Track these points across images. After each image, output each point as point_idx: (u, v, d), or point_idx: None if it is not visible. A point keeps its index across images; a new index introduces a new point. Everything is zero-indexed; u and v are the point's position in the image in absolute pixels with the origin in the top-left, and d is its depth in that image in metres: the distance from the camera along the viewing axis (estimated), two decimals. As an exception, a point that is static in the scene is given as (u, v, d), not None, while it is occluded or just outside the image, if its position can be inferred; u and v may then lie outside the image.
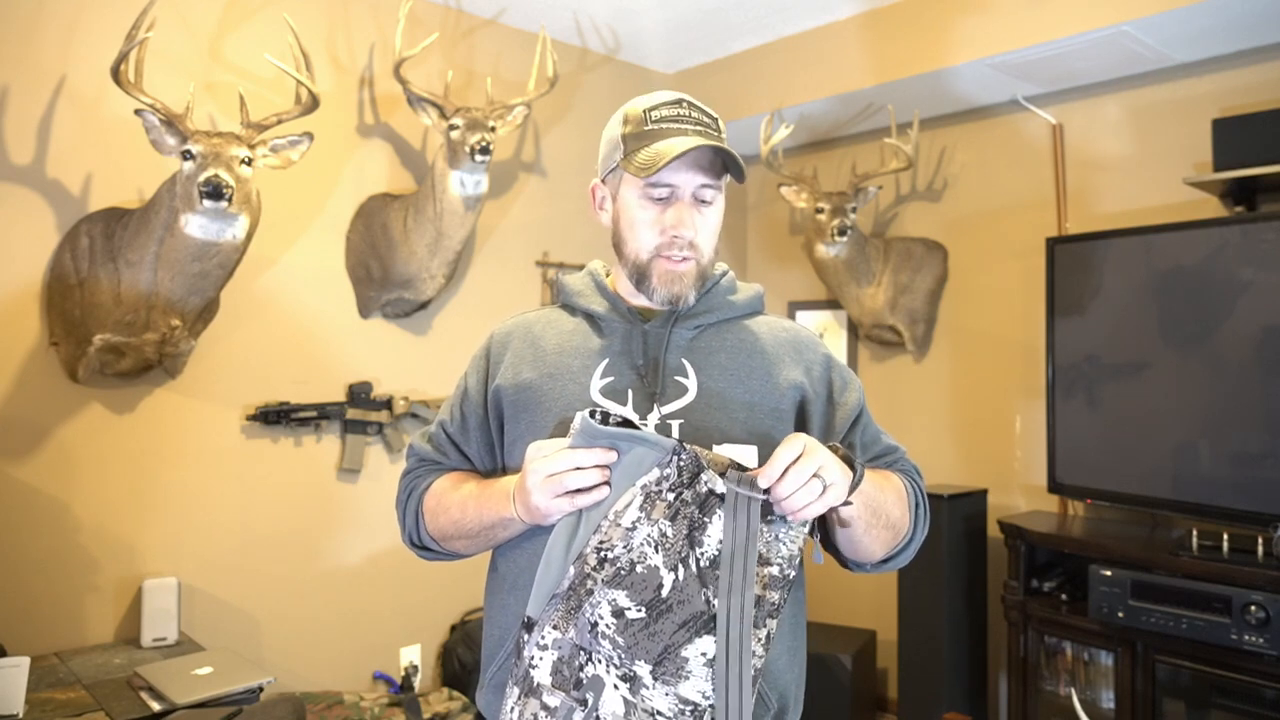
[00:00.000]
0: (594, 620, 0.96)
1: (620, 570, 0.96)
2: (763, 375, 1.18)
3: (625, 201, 1.20)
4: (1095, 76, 2.97)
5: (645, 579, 0.96)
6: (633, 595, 0.95)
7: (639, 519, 0.98)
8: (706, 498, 0.97)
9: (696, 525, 0.96)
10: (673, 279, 1.17)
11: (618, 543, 0.97)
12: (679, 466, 0.98)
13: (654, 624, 0.94)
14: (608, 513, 0.99)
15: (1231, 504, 2.45)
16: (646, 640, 0.94)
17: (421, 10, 2.94)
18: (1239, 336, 2.48)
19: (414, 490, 1.26)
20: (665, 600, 0.95)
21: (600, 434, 1.00)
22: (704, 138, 1.13)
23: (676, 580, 0.95)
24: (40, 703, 1.92)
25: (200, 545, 2.55)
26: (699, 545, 0.96)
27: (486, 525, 1.13)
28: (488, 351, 1.27)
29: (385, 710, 2.56)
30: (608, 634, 0.95)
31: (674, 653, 0.94)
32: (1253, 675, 2.28)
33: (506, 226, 3.26)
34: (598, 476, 1.00)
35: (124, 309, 2.23)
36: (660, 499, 0.98)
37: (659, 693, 0.94)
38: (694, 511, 0.97)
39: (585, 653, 0.97)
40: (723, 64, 3.63)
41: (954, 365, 3.45)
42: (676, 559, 0.96)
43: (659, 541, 0.96)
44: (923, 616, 3.04)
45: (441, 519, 1.20)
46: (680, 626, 0.94)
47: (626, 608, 0.95)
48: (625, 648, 0.94)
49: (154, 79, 2.25)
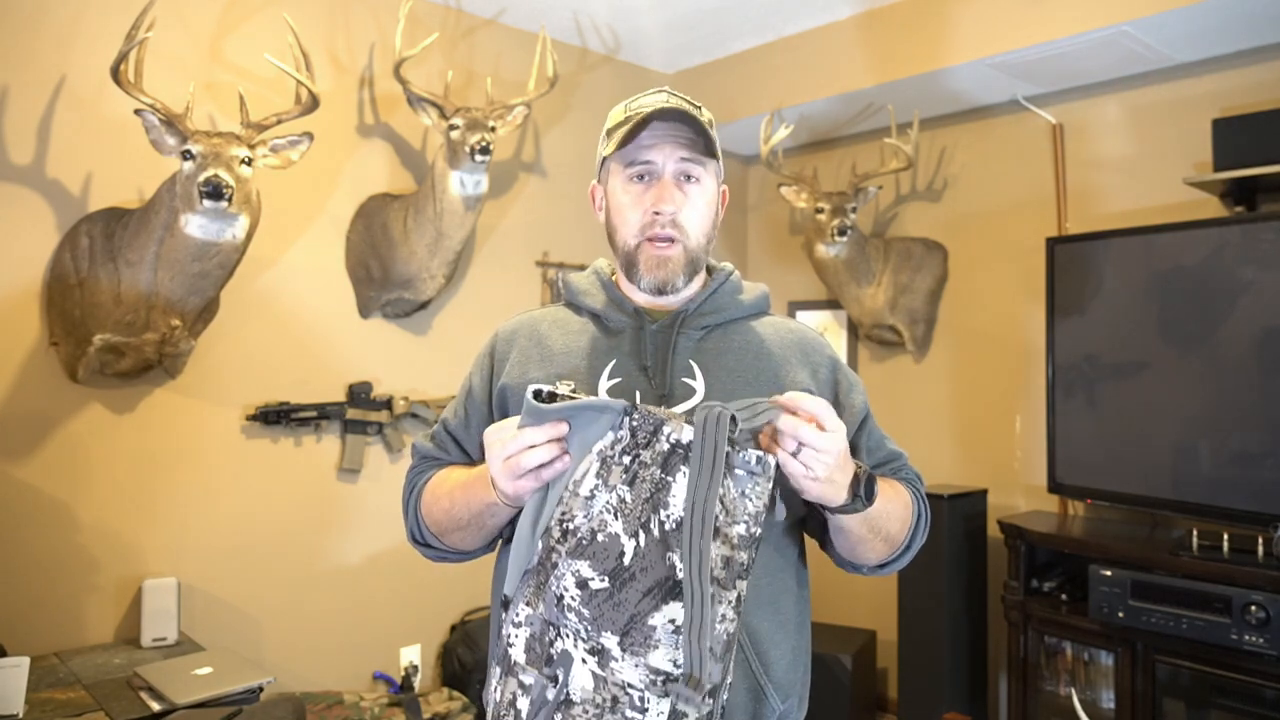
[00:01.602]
0: (559, 593, 0.93)
1: (581, 540, 0.93)
2: (770, 377, 1.17)
3: (611, 189, 1.21)
4: (1095, 76, 2.97)
5: (606, 547, 0.92)
6: (595, 565, 0.92)
7: (596, 486, 0.95)
8: (669, 455, 0.93)
9: (660, 486, 0.93)
10: (658, 264, 1.17)
11: (578, 512, 0.95)
12: (632, 428, 0.95)
13: (618, 593, 0.91)
14: (567, 483, 0.97)
15: (1231, 504, 2.45)
16: (611, 610, 0.91)
17: (421, 10, 2.94)
18: (1239, 336, 2.48)
19: (414, 487, 1.26)
20: (628, 568, 0.91)
21: (544, 412, 0.96)
22: (676, 105, 1.14)
23: (638, 547, 0.92)
24: (40, 703, 1.92)
25: (200, 545, 2.55)
26: (663, 508, 0.92)
27: (475, 513, 1.12)
28: (492, 350, 1.27)
29: (385, 710, 2.56)
30: (573, 606, 0.92)
31: (640, 621, 0.90)
32: (1253, 675, 2.28)
33: (506, 226, 3.26)
34: (554, 450, 0.97)
35: (124, 309, 2.23)
36: (616, 463, 0.95)
37: (628, 664, 0.91)
38: (655, 473, 0.93)
39: (554, 628, 0.94)
40: (723, 64, 3.63)
41: (954, 365, 3.45)
42: (637, 524, 0.92)
43: (618, 508, 0.93)
44: (923, 616, 3.04)
45: (435, 511, 1.19)
46: (645, 594, 0.91)
47: (590, 578, 0.92)
48: (591, 619, 0.92)
49: (154, 79, 2.25)
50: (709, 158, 1.18)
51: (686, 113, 1.14)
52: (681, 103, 1.16)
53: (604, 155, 1.21)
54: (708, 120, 1.18)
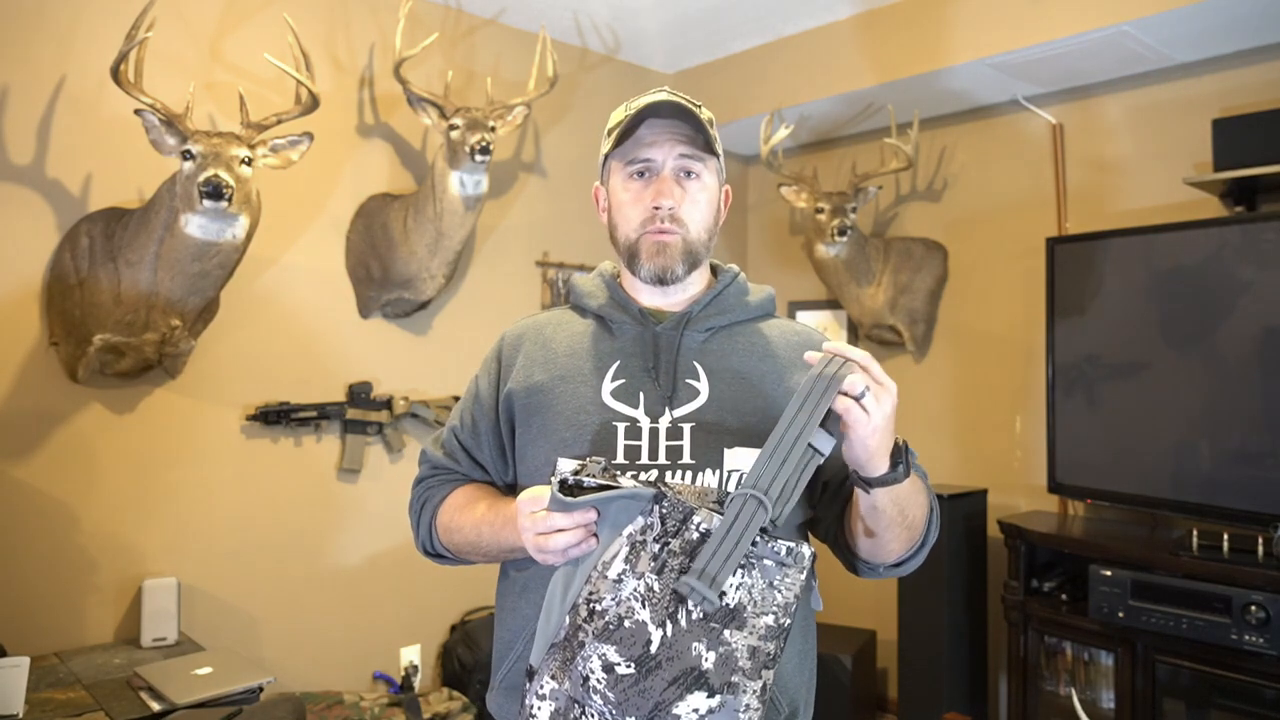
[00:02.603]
0: (585, 674, 0.93)
1: (609, 624, 0.94)
2: (774, 379, 1.17)
3: (613, 188, 1.22)
4: (1095, 76, 2.97)
5: (634, 634, 0.92)
6: (622, 650, 0.92)
7: (624, 571, 0.95)
8: (698, 545, 0.93)
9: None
10: (657, 250, 1.17)
11: (605, 595, 0.95)
12: (661, 515, 0.95)
13: (643, 680, 0.91)
14: (596, 563, 0.97)
15: (1231, 504, 2.45)
16: (637, 697, 0.91)
17: (421, 10, 2.94)
18: (1239, 336, 2.48)
19: (427, 501, 1.26)
20: (654, 657, 0.91)
21: (571, 505, 0.98)
22: (674, 100, 1.15)
23: (665, 636, 0.92)
24: (40, 703, 1.92)
25: (200, 545, 2.55)
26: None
27: (505, 549, 1.13)
28: (499, 354, 1.27)
29: (385, 710, 2.56)
30: (599, 689, 0.92)
31: (664, 710, 0.90)
32: (1253, 675, 2.28)
33: (506, 226, 3.26)
34: (581, 535, 0.98)
35: (124, 309, 2.23)
36: (645, 550, 0.95)
37: None
38: (684, 561, 0.93)
39: (579, 705, 0.94)
40: (723, 64, 3.63)
41: (954, 365, 3.45)
42: (664, 614, 0.92)
43: (645, 596, 0.93)
44: (923, 616, 3.04)
45: (457, 538, 1.20)
46: (670, 684, 0.90)
47: (616, 663, 0.92)
48: (616, 703, 0.91)
49: (154, 79, 2.25)
50: (708, 154, 1.18)
51: (685, 108, 1.15)
52: (680, 99, 1.16)
53: (605, 153, 1.22)
54: (707, 118, 1.18)
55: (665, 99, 1.15)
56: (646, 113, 1.15)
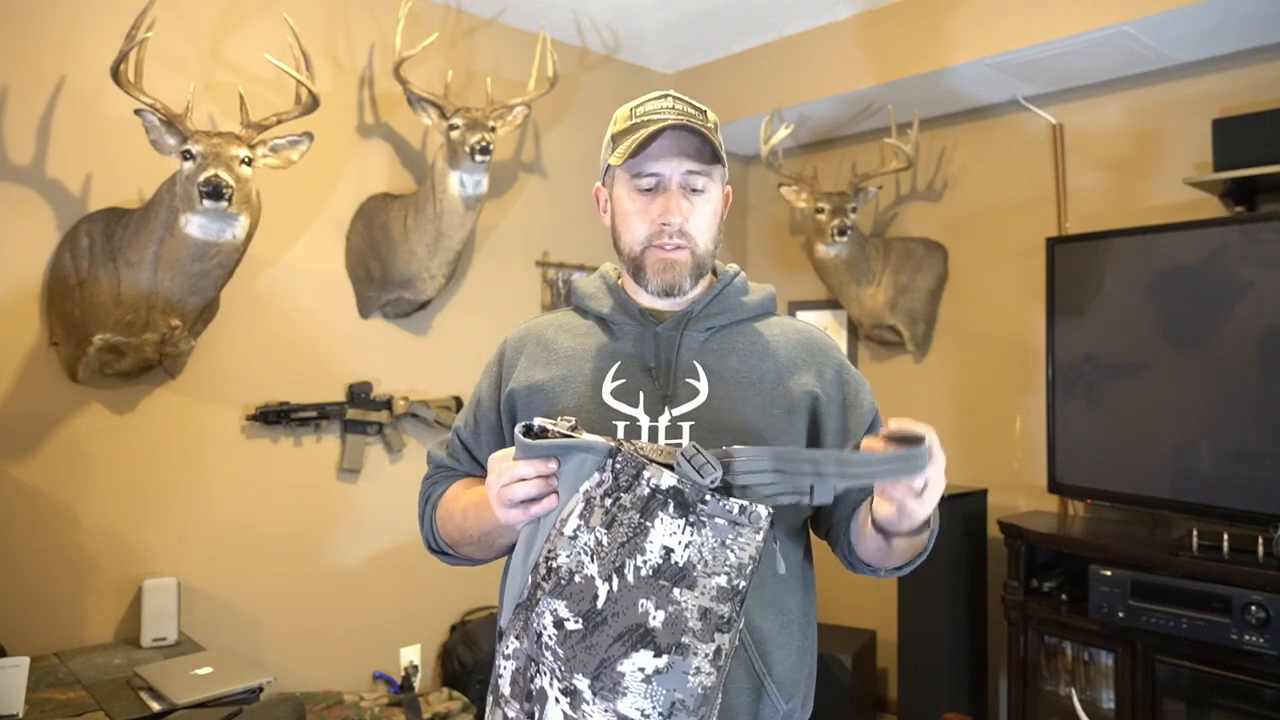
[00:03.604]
0: (539, 630, 0.93)
1: (561, 580, 0.93)
2: (774, 378, 1.17)
3: (617, 197, 1.21)
4: (1095, 76, 2.97)
5: (582, 589, 0.91)
6: (571, 605, 0.92)
7: (579, 527, 0.94)
8: (649, 499, 0.92)
9: (637, 531, 0.91)
10: (665, 267, 1.17)
11: (561, 551, 0.94)
12: (614, 470, 0.94)
13: (590, 636, 0.90)
14: (555, 521, 0.96)
15: (1231, 504, 2.45)
16: (584, 653, 0.90)
17: (421, 10, 2.94)
18: (1239, 336, 2.48)
19: (429, 498, 1.28)
20: (600, 611, 0.90)
21: (532, 448, 0.96)
22: (683, 121, 1.14)
23: (611, 591, 0.91)
24: (40, 703, 1.92)
25: (200, 545, 2.55)
26: (639, 553, 0.91)
27: (485, 531, 1.14)
28: (501, 358, 1.28)
29: (385, 710, 2.56)
30: (550, 645, 0.92)
31: (610, 666, 0.89)
32: (1253, 675, 2.28)
33: (506, 226, 3.26)
34: (540, 486, 0.96)
35: (124, 309, 2.23)
36: (599, 505, 0.94)
37: (598, 708, 0.90)
38: (634, 517, 0.92)
39: (534, 663, 0.95)
40: (723, 64, 3.63)
41: (954, 365, 3.45)
42: (611, 568, 0.91)
43: (594, 550, 0.92)
44: (923, 616, 3.04)
45: (449, 527, 1.21)
46: (616, 639, 0.89)
47: (566, 618, 0.92)
48: (565, 660, 0.91)
49: (154, 79, 2.25)
50: (714, 163, 1.18)
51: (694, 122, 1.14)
52: (687, 109, 1.16)
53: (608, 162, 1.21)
54: (713, 125, 1.18)
55: (675, 120, 1.13)
56: (657, 134, 1.13)
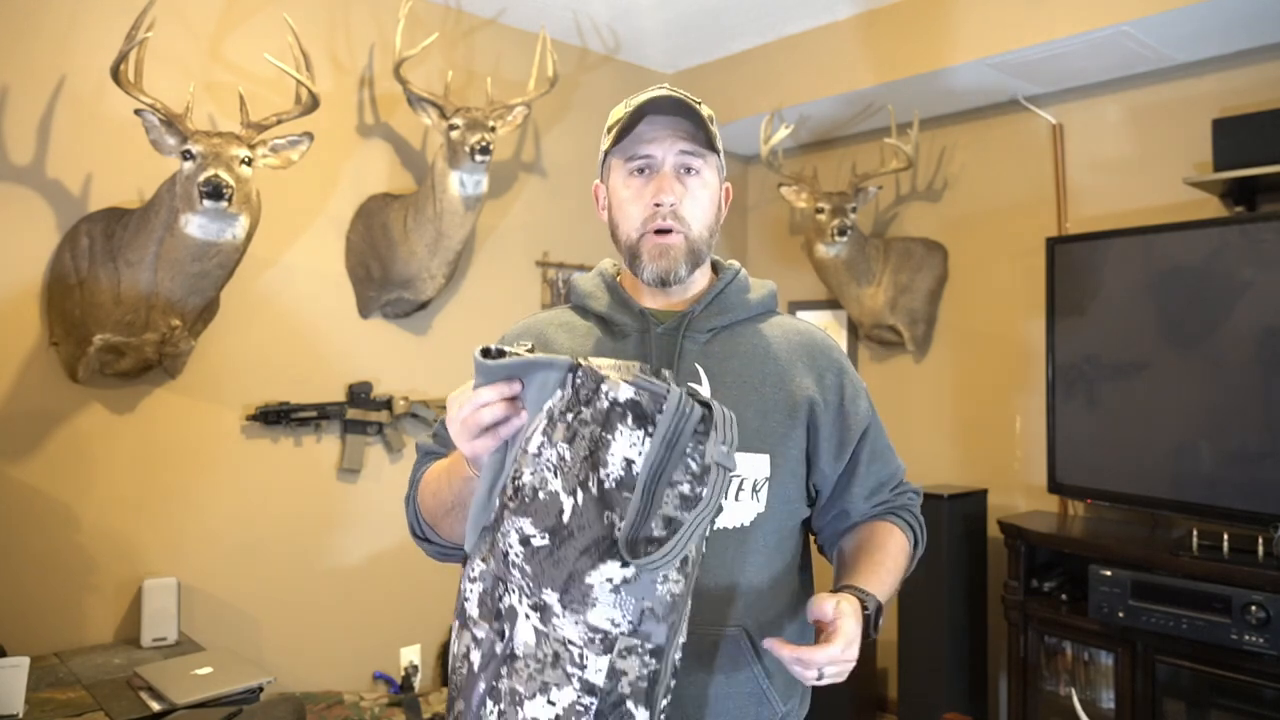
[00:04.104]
0: (505, 549, 0.93)
1: (525, 497, 0.93)
2: (775, 382, 1.17)
3: (613, 187, 1.21)
4: (1095, 76, 2.97)
5: (547, 505, 0.91)
6: (536, 522, 0.92)
7: (543, 444, 0.93)
8: (609, 412, 0.91)
9: (599, 444, 0.91)
10: (660, 252, 1.16)
11: (525, 470, 0.94)
12: (575, 385, 0.93)
13: (557, 550, 0.90)
14: (520, 441, 0.96)
15: (1231, 504, 2.45)
16: (551, 568, 0.91)
17: (421, 10, 2.94)
18: (1239, 336, 2.48)
19: (414, 482, 1.26)
20: (566, 526, 0.91)
21: (492, 369, 0.94)
22: (675, 95, 1.15)
23: (576, 505, 0.91)
24: (40, 703, 1.92)
25: (200, 545, 2.55)
26: (602, 466, 0.90)
27: (456, 491, 1.10)
28: None
29: (385, 710, 2.56)
30: (516, 563, 0.92)
31: (578, 579, 0.90)
32: (1253, 675, 2.28)
33: (506, 226, 3.26)
34: (507, 409, 0.94)
35: (124, 309, 2.23)
36: (561, 421, 0.93)
37: (569, 621, 0.90)
38: (595, 430, 0.91)
39: (502, 583, 0.95)
40: (723, 64, 3.63)
41: (954, 365, 3.45)
42: (575, 483, 0.91)
43: (558, 465, 0.92)
44: (923, 616, 3.04)
45: (427, 498, 1.18)
46: (582, 552, 0.90)
47: (531, 535, 0.92)
48: (533, 576, 0.91)
49: (154, 79, 2.25)
50: (709, 150, 1.18)
51: (685, 104, 1.14)
52: (680, 95, 1.16)
53: (604, 150, 1.22)
54: (708, 114, 1.18)
55: (665, 94, 1.14)
56: (647, 108, 1.14)
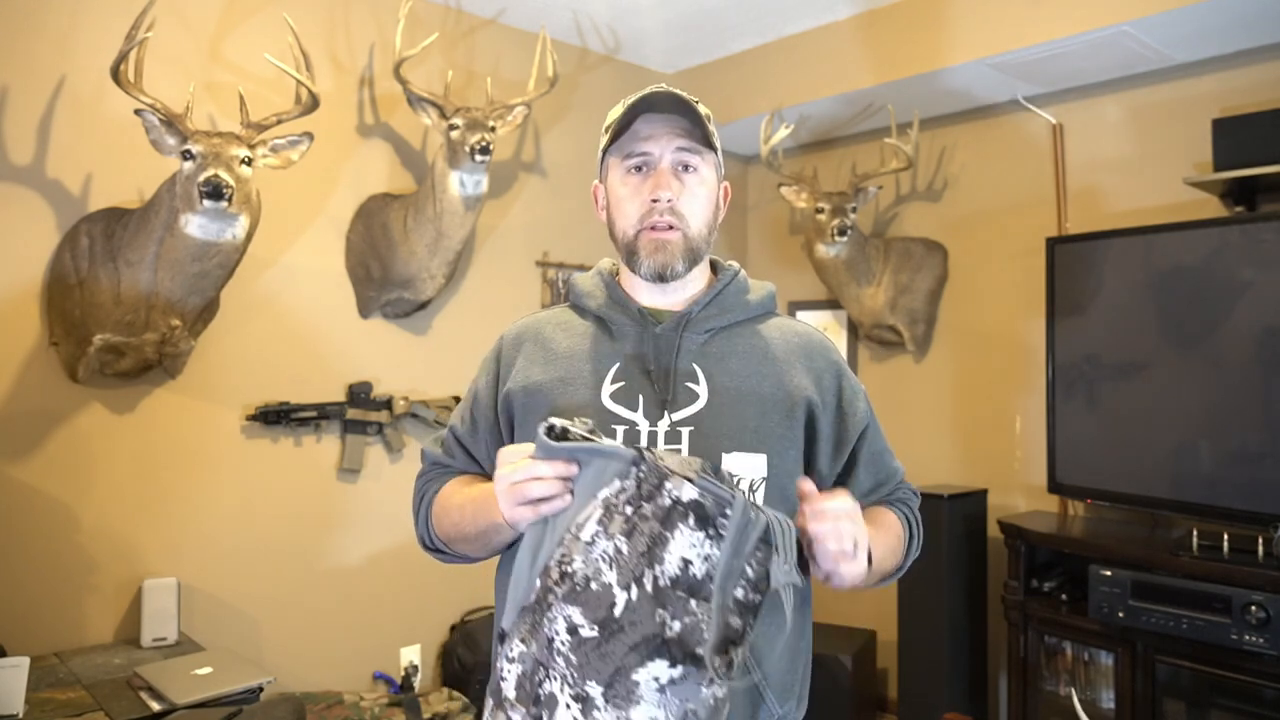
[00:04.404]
0: (551, 636, 0.93)
1: (576, 586, 0.93)
2: (774, 383, 1.17)
3: (611, 185, 1.21)
4: (1095, 76, 2.97)
5: (599, 596, 0.92)
6: (586, 613, 0.92)
7: (597, 533, 0.94)
8: (670, 510, 0.92)
9: (657, 541, 0.91)
10: (657, 248, 1.16)
11: (577, 557, 0.94)
12: (638, 479, 0.94)
13: (605, 644, 0.91)
14: (569, 525, 0.96)
15: (1231, 504, 2.45)
16: (598, 660, 0.91)
17: (421, 10, 2.94)
18: (1239, 336, 2.48)
19: (425, 494, 1.26)
20: (617, 620, 0.91)
21: (555, 450, 0.96)
22: (671, 92, 1.16)
23: (629, 600, 0.91)
24: (40, 703, 1.92)
25: (200, 545, 2.55)
26: (659, 562, 0.91)
27: (481, 529, 1.12)
28: (498, 354, 1.26)
29: (385, 710, 2.56)
30: (562, 651, 0.92)
31: (625, 675, 0.90)
32: (1253, 675, 2.28)
33: (506, 226, 3.26)
34: (557, 487, 0.97)
35: (124, 309, 2.23)
36: (619, 513, 0.94)
37: (610, 716, 0.90)
38: (654, 526, 0.92)
39: (544, 668, 0.94)
40: (723, 64, 3.63)
41: (954, 365, 3.45)
42: (630, 577, 0.92)
43: (614, 558, 0.92)
44: (923, 616, 3.04)
45: (445, 523, 1.20)
46: (631, 648, 0.90)
47: (580, 625, 0.92)
48: (578, 666, 0.91)
49: (154, 79, 2.25)
50: (706, 148, 1.18)
51: (682, 101, 1.15)
52: (677, 92, 1.17)
53: (602, 150, 1.22)
54: (705, 113, 1.18)
55: (662, 92, 1.15)
56: (643, 106, 1.15)
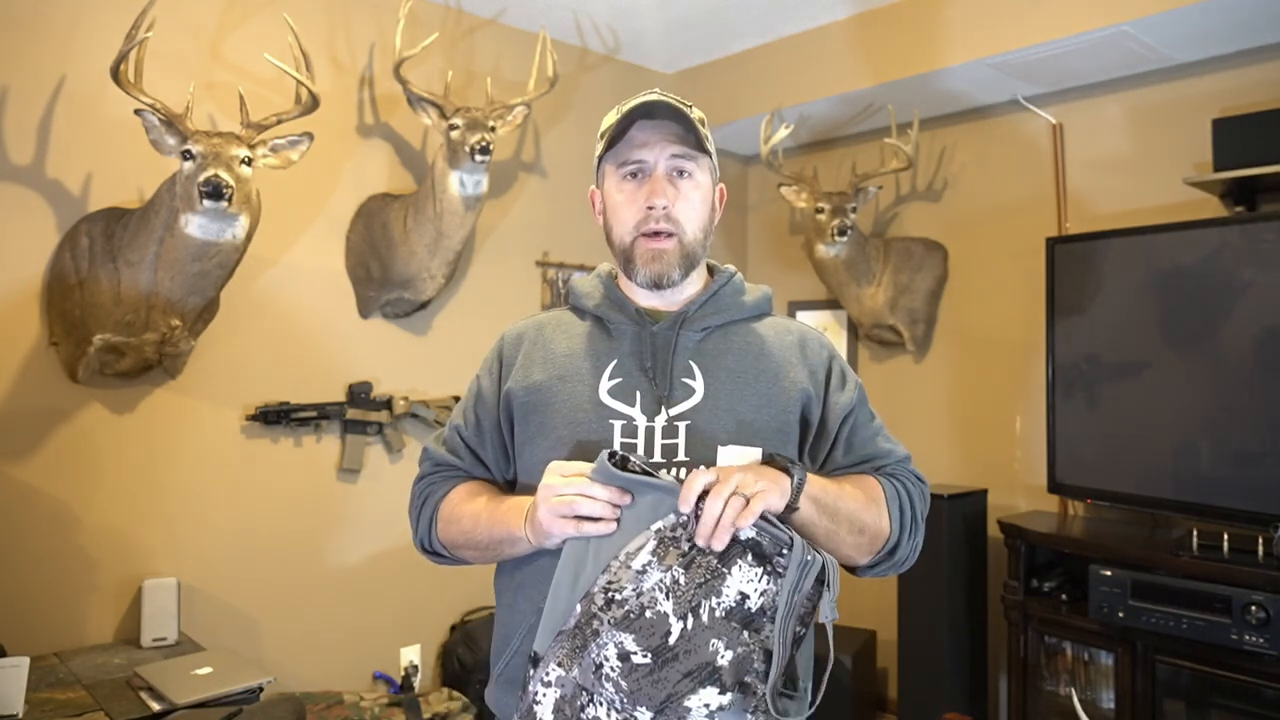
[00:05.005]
0: (599, 661, 0.95)
1: (630, 613, 0.96)
2: (769, 378, 1.18)
3: (607, 192, 1.23)
4: (1095, 76, 2.97)
5: (654, 624, 0.95)
6: (640, 640, 0.95)
7: (650, 563, 0.97)
8: (729, 547, 0.96)
9: (715, 574, 0.95)
10: (653, 257, 1.17)
11: (627, 585, 0.97)
12: (696, 515, 0.97)
13: (659, 670, 0.94)
14: (618, 553, 0.99)
15: (1231, 504, 2.45)
16: (650, 687, 0.93)
17: (421, 10, 2.94)
18: (1239, 336, 2.48)
19: (429, 497, 1.26)
20: (672, 648, 0.94)
21: (615, 478, 1.00)
22: (665, 99, 1.16)
23: (685, 629, 0.94)
24: (40, 703, 1.92)
25: (200, 545, 2.55)
26: (715, 595, 0.95)
27: (495, 540, 1.14)
28: (499, 354, 1.28)
29: (385, 710, 2.56)
30: (611, 677, 0.94)
31: (677, 702, 0.93)
32: (1253, 675, 2.28)
33: (506, 226, 3.26)
34: (607, 511, 0.99)
35: (124, 309, 2.23)
36: (675, 546, 0.97)
37: None
38: (712, 561, 0.96)
39: (587, 693, 0.96)
40: (723, 64, 3.63)
41: (954, 365, 3.45)
42: (687, 607, 0.95)
43: (670, 588, 0.96)
44: (923, 616, 3.04)
45: (453, 529, 1.20)
46: (685, 675, 0.93)
47: (633, 652, 0.94)
48: (628, 692, 0.94)
49: (154, 79, 2.25)
50: (700, 152, 1.19)
51: (675, 108, 1.16)
52: (670, 99, 1.17)
53: (598, 157, 1.23)
54: (698, 117, 1.19)
55: (655, 99, 1.15)
56: (637, 114, 1.15)
